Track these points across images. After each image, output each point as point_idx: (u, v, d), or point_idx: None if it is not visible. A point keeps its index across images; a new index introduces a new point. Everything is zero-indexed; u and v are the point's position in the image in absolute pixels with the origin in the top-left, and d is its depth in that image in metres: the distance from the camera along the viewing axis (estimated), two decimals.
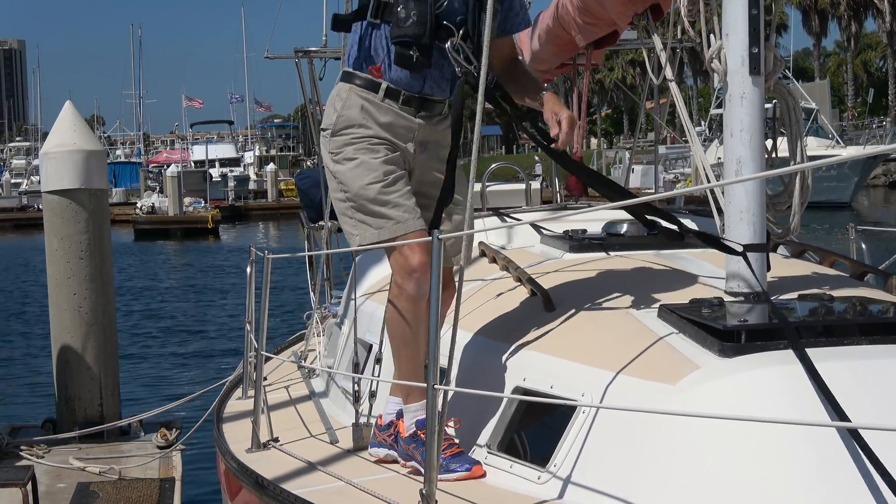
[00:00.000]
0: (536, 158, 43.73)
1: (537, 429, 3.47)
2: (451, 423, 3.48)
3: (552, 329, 3.67)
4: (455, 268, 3.77)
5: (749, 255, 3.54)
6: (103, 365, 7.76)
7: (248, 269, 6.13)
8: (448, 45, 3.61)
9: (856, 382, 2.93)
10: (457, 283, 3.32)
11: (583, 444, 3.16)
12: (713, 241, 3.69)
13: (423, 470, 3.32)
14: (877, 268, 4.33)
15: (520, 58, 4.08)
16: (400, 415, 3.73)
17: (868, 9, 61.52)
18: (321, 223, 7.49)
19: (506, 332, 3.80)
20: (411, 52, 3.59)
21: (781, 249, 4.65)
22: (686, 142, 42.52)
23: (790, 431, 2.82)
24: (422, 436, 3.48)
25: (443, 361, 3.29)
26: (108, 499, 6.19)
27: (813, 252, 4.63)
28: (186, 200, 42.97)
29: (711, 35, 3.72)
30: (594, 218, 5.12)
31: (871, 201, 43.38)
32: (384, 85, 3.66)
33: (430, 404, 3.03)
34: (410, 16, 3.58)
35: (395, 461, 3.73)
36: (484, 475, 3.42)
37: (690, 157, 41.17)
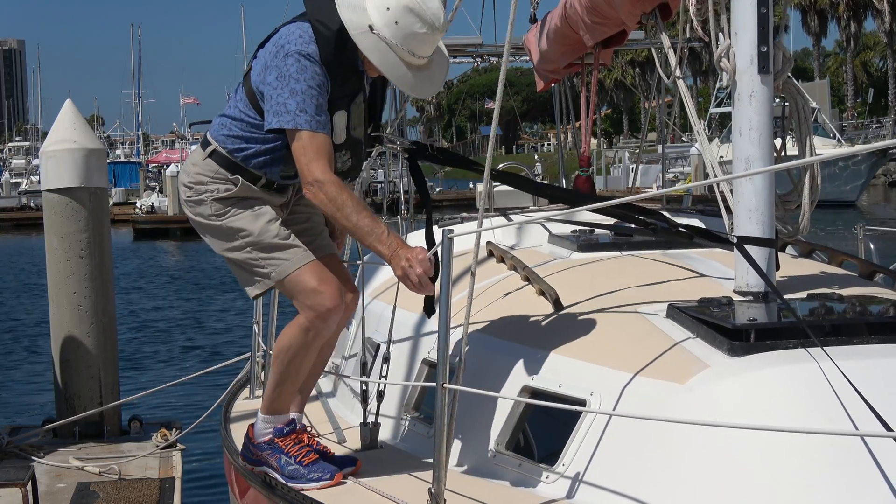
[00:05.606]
0: (536, 158, 43.72)
1: (545, 427, 3.45)
2: (307, 434, 3.72)
3: (560, 328, 3.65)
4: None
5: (756, 254, 3.51)
6: (103, 364, 7.73)
7: None
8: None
9: (866, 382, 2.90)
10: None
11: (592, 443, 3.14)
12: (705, 234, 3.68)
13: (276, 476, 3.60)
14: (886, 267, 4.31)
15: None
16: (279, 433, 3.70)
17: (867, 9, 61.47)
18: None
19: (514, 331, 3.78)
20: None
21: (790, 249, 4.63)
22: (685, 140, 42.56)
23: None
24: (279, 443, 3.66)
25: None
26: (108, 499, 6.17)
27: (822, 251, 4.61)
28: None
29: (720, 34, 3.69)
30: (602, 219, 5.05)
31: (870, 199, 43.43)
32: (264, 180, 3.73)
33: (440, 403, 3.01)
34: (347, 160, 3.68)
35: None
36: (344, 481, 3.55)
37: (689, 156, 41.15)
